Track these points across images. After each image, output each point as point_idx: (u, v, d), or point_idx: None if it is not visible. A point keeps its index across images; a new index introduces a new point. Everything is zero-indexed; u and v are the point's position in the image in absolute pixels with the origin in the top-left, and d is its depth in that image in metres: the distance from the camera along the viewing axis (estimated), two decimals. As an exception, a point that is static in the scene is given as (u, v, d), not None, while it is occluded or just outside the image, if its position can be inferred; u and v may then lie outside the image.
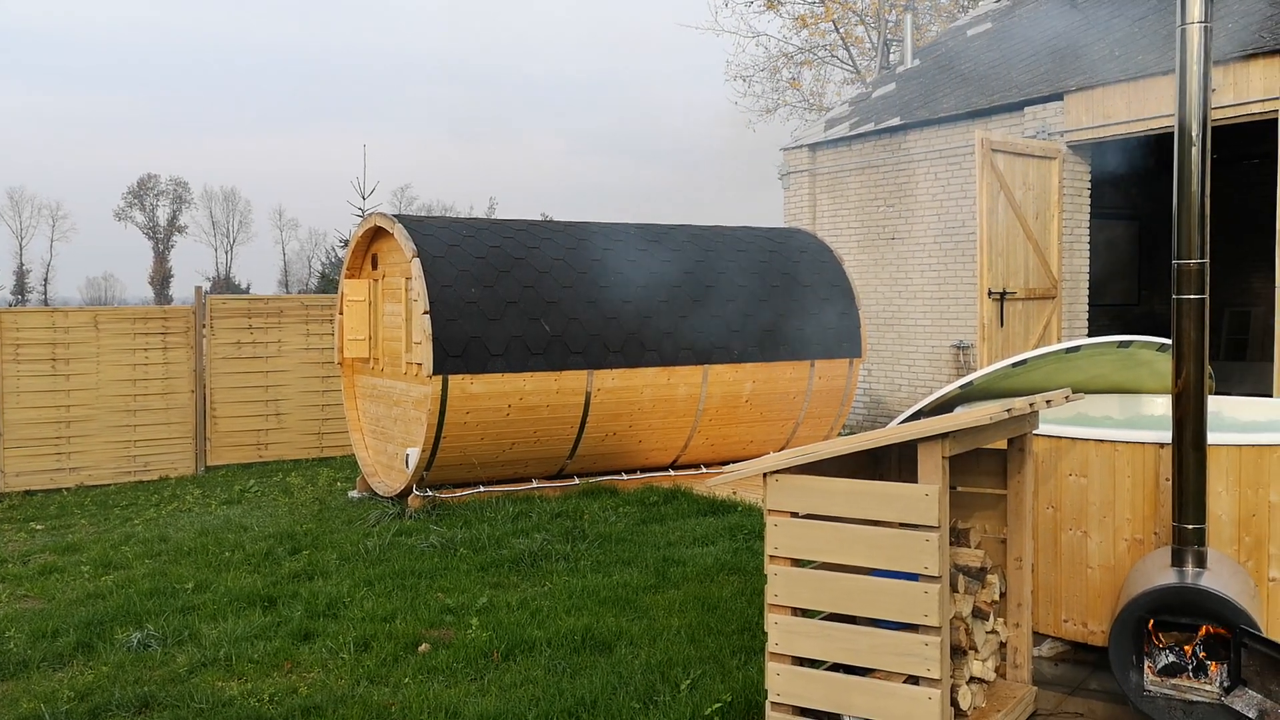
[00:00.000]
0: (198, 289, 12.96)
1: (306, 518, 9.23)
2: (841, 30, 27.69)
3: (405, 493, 9.42)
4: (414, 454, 9.10)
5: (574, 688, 4.99)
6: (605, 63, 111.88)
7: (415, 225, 9.50)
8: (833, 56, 28.46)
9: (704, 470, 10.68)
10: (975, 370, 6.44)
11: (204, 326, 12.64)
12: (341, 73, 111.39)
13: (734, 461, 8.68)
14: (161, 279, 79.55)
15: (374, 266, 10.21)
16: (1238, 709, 4.13)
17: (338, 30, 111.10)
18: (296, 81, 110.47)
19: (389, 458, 9.96)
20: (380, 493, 9.90)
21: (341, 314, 10.31)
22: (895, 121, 14.16)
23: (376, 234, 10.06)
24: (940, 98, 14.15)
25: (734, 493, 9.47)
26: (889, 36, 21.33)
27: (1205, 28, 4.45)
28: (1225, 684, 4.24)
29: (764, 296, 10.76)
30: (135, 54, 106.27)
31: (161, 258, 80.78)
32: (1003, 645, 4.80)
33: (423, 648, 5.68)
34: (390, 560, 7.51)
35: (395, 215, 9.55)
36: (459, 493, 9.39)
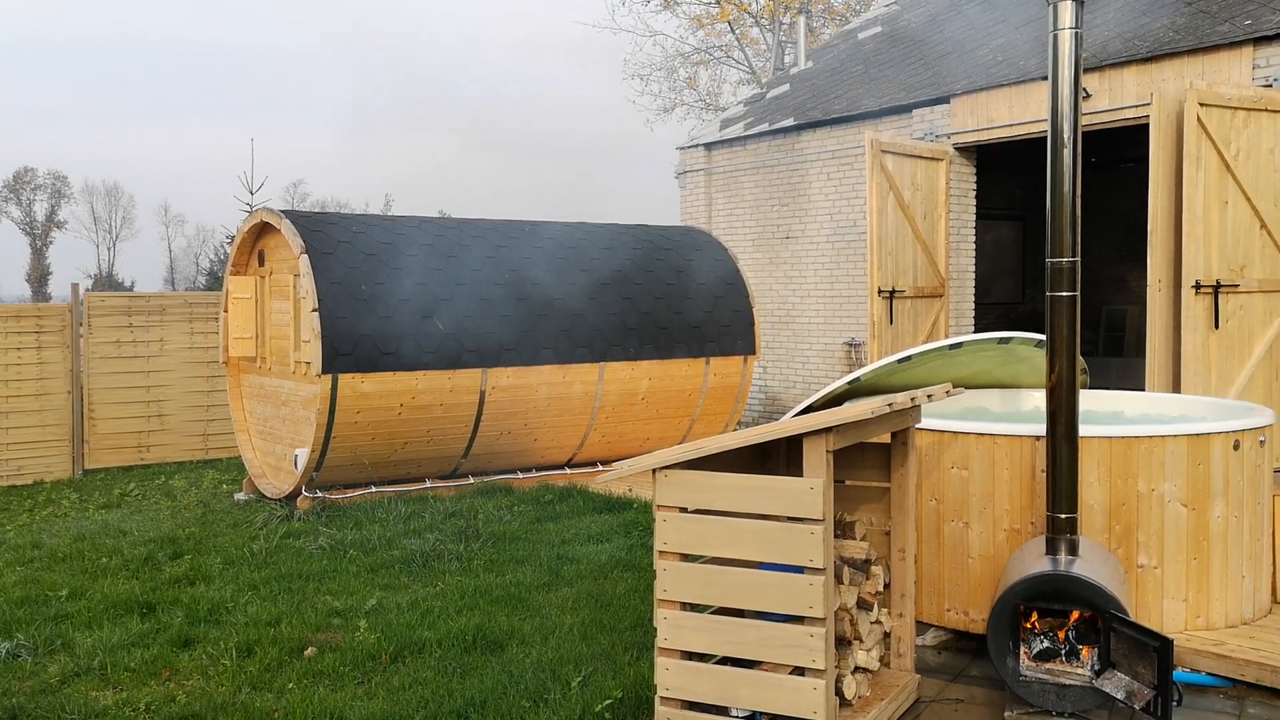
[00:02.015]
0: (74, 286, 12.49)
1: (190, 521, 8.97)
2: (737, 31, 27.98)
3: (294, 494, 9.22)
4: (303, 454, 8.92)
5: (464, 688, 4.94)
6: (503, 59, 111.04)
7: (304, 221, 9.30)
8: (729, 57, 28.74)
9: (600, 468, 10.68)
10: (866, 366, 6.56)
11: (81, 325, 12.19)
12: (233, 63, 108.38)
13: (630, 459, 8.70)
14: (39, 276, 76.44)
15: (261, 263, 9.97)
16: (1107, 690, 4.28)
17: (228, 18, 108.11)
18: (184, 71, 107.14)
19: (277, 459, 9.73)
20: (268, 495, 9.67)
21: (227, 312, 10.04)
22: (789, 122, 14.36)
23: (263, 230, 9.82)
24: (832, 99, 14.39)
25: (630, 490, 9.49)
26: (783, 38, 21.63)
27: (1076, 34, 4.60)
28: (1096, 667, 4.40)
29: (660, 294, 10.81)
30: (6, 38, 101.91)
31: (39, 254, 77.63)
32: (887, 635, 4.90)
33: (309, 652, 5.56)
34: (277, 563, 7.34)
35: (283, 211, 9.34)
36: (350, 493, 9.23)
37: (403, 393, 9.04)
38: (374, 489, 9.36)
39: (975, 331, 12.78)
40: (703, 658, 4.32)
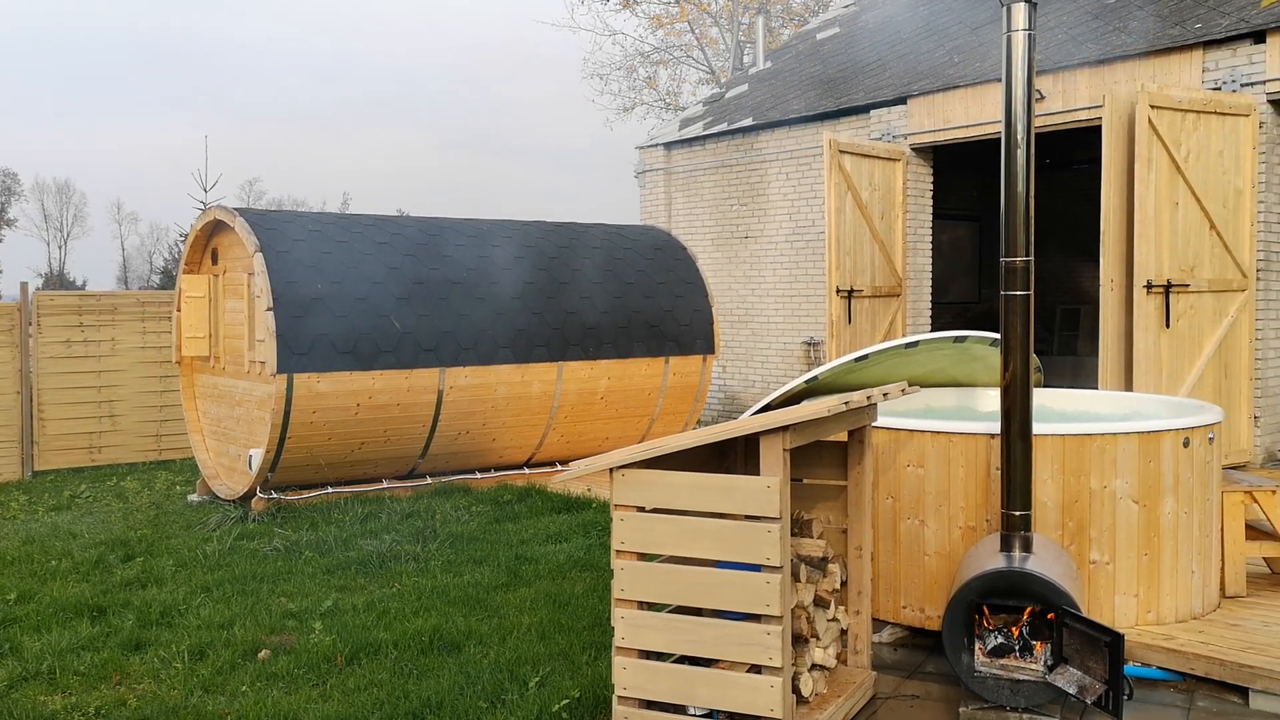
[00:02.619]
0: (24, 285, 12.26)
1: (142, 523, 8.84)
2: (696, 31, 28.04)
3: (248, 495, 9.12)
4: (257, 455, 8.81)
5: (420, 689, 4.90)
6: (463, 58, 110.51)
7: (258, 219, 9.20)
8: (688, 57, 28.79)
9: (559, 468, 10.65)
10: (823, 365, 6.59)
11: (31, 324, 11.97)
12: (189, 59, 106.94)
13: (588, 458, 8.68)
14: (-11, 275, 75.08)
15: (214, 261, 9.85)
16: (1059, 685, 4.32)
17: (182, 13, 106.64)
18: (137, 66, 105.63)
19: (231, 459, 9.62)
20: (222, 496, 9.56)
21: (180, 311, 9.91)
22: (748, 122, 14.40)
23: (217, 228, 9.70)
24: (791, 99, 14.46)
25: (589, 489, 9.47)
26: (742, 38, 21.70)
27: (1029, 36, 4.65)
28: (1049, 662, 4.44)
29: (619, 293, 10.80)
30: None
31: (-11, 253, 76.21)
32: (844, 632, 4.92)
33: (262, 654, 5.50)
34: (231, 565, 7.26)
35: (237, 208, 9.23)
36: (305, 494, 9.14)
37: (359, 392, 8.97)
38: (330, 490, 9.28)
39: (932, 331, 12.89)
40: (661, 657, 4.32)
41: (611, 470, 4.22)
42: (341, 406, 8.90)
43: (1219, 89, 9.60)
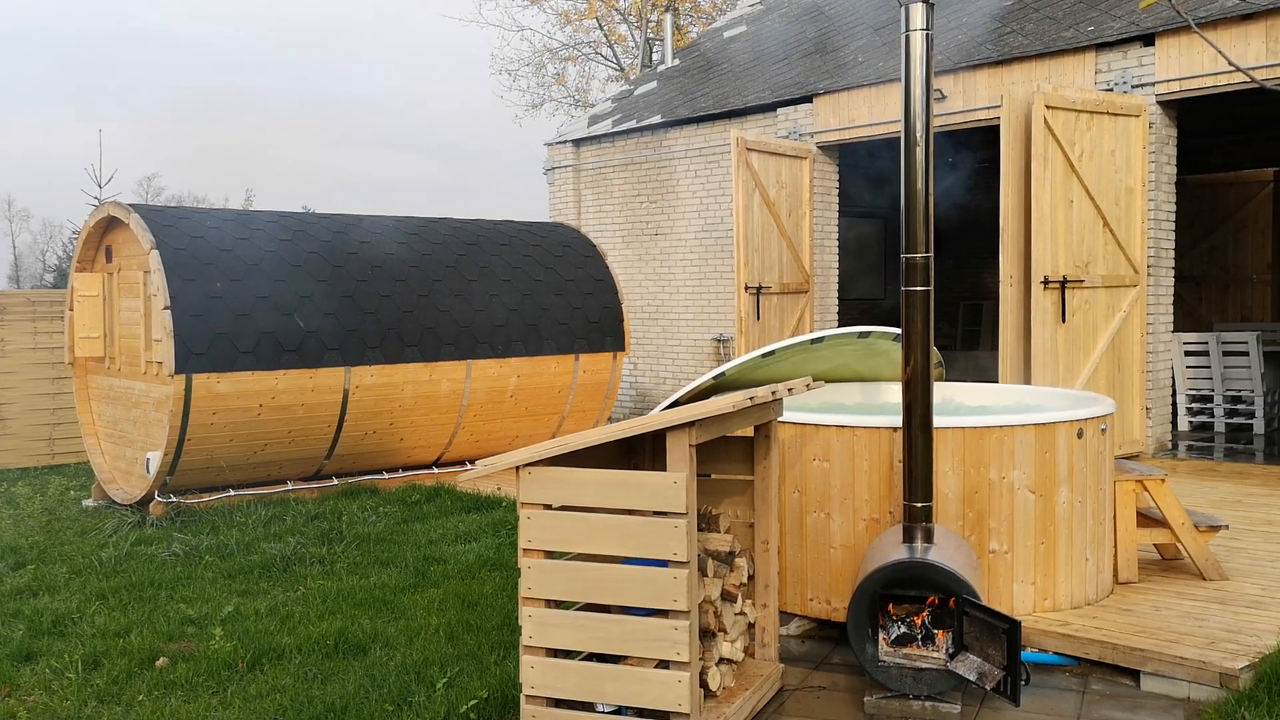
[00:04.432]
0: (-95, 283, 11.75)
1: (34, 530, 8.53)
2: (605, 28, 28.03)
3: (146, 499, 8.85)
4: (155, 458, 8.57)
5: (324, 694, 4.81)
6: (369, 53, 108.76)
7: (154, 215, 8.93)
8: (597, 54, 28.77)
9: (469, 467, 10.54)
10: (730, 361, 6.64)
11: (-87, 324, 11.47)
12: (87, 51, 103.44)
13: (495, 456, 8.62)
14: None
15: (109, 259, 9.54)
16: (960, 673, 4.42)
17: (74, 3, 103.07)
18: (29, 57, 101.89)
19: (128, 463, 9.33)
20: (119, 500, 9.26)
21: (72, 310, 9.58)
22: (657, 119, 14.44)
23: (111, 224, 9.39)
24: (699, 97, 14.53)
25: (499, 488, 9.41)
26: (650, 36, 21.75)
27: (927, 35, 4.73)
28: (950, 650, 4.53)
29: (528, 291, 10.74)
30: None
31: None
32: (751, 626, 4.96)
33: (160, 662, 5.34)
34: (127, 571, 7.04)
35: (132, 205, 8.95)
36: (206, 497, 8.91)
37: (262, 393, 8.77)
38: (232, 492, 9.06)
39: (839, 327, 13.08)
40: (570, 655, 4.30)
41: (518, 468, 4.19)
42: (243, 407, 8.70)
43: (1111, 90, 9.91)
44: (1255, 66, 8.98)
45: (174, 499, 8.77)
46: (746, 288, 11.22)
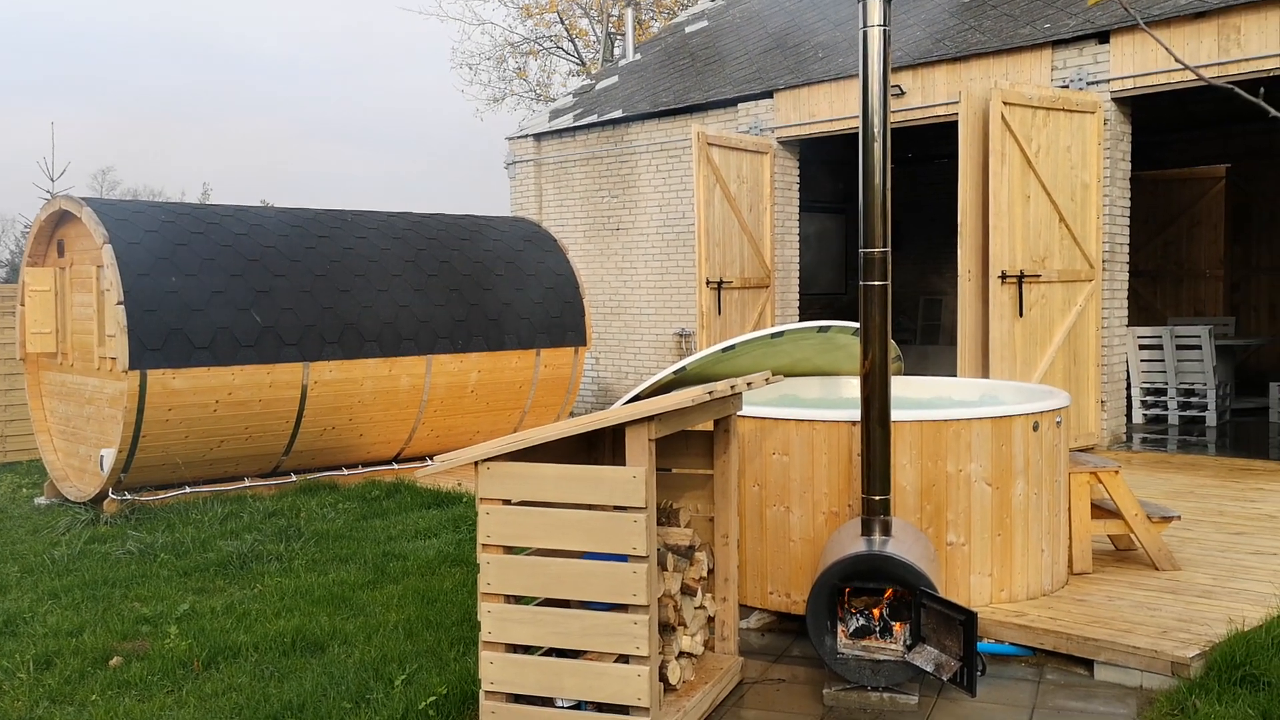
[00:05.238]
0: None
1: (-16, 529, 8.39)
2: (566, 22, 27.96)
3: (100, 497, 8.73)
4: (109, 455, 8.45)
5: (281, 692, 4.77)
6: (329, 46, 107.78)
7: (107, 209, 8.80)
8: (558, 48, 28.69)
9: (429, 463, 10.49)
10: (691, 356, 6.65)
11: None
12: (38, 41, 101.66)
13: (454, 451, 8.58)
14: None
15: (61, 254, 9.39)
16: (917, 664, 4.45)
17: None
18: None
19: (82, 460, 9.20)
20: (72, 498, 9.13)
21: (24, 305, 9.42)
22: (618, 114, 14.42)
23: (63, 218, 9.25)
24: (660, 91, 14.53)
25: (459, 484, 9.37)
26: (611, 30, 21.72)
27: (884, 31, 4.75)
28: (908, 642, 4.56)
29: (489, 286, 10.69)
30: None
31: None
32: (711, 620, 4.97)
33: (114, 661, 5.27)
34: (81, 570, 6.94)
35: (85, 198, 8.81)
36: (162, 495, 8.80)
37: (218, 389, 8.67)
38: (188, 489, 8.95)
39: (800, 321, 13.13)
40: (529, 650, 4.29)
41: (477, 463, 4.17)
42: (199, 404, 8.60)
43: (1067, 87, 10.01)
44: (1205, 65, 9.11)
45: (128, 496, 8.65)
46: (708, 282, 11.24)
